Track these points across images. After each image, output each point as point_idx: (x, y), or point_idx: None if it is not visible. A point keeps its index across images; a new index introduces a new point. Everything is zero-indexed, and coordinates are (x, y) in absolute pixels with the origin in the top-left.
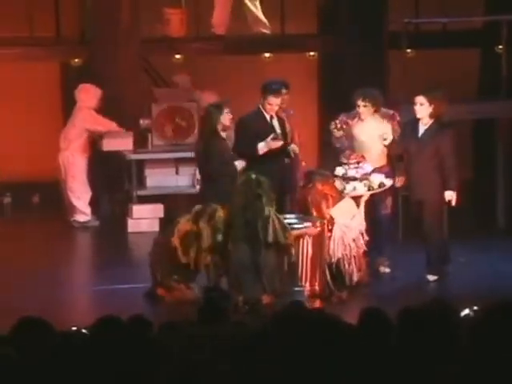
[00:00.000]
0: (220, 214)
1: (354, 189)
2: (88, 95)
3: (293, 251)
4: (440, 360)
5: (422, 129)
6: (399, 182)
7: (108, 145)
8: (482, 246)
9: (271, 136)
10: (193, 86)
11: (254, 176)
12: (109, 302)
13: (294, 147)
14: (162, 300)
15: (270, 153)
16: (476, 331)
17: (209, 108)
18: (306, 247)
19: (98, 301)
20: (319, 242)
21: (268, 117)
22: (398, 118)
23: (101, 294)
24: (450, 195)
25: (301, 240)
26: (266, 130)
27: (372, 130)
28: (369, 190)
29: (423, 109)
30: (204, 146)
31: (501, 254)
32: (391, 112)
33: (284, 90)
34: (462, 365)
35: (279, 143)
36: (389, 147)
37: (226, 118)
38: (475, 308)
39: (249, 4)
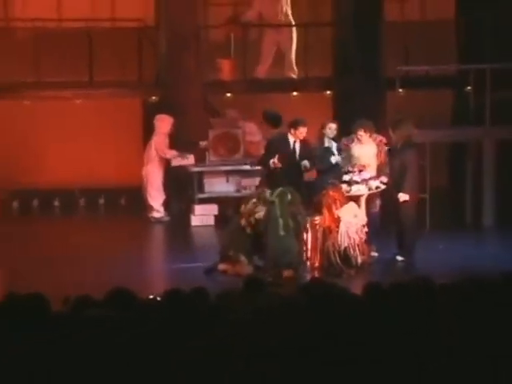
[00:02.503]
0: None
1: (358, 190)
2: (163, 123)
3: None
4: (425, 321)
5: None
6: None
7: (176, 161)
8: (454, 236)
9: (272, 160)
10: (239, 117)
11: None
12: (179, 276)
13: (305, 163)
14: (224, 274)
15: (284, 167)
16: (451, 301)
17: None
18: (307, 235)
19: (171, 275)
20: (317, 232)
21: (292, 141)
22: (385, 141)
23: (173, 270)
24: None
25: (303, 230)
26: (287, 151)
27: (368, 150)
28: (369, 190)
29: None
30: None
31: (468, 242)
32: (380, 137)
33: (306, 124)
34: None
35: (278, 164)
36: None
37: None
38: (449, 282)
39: (290, 54)
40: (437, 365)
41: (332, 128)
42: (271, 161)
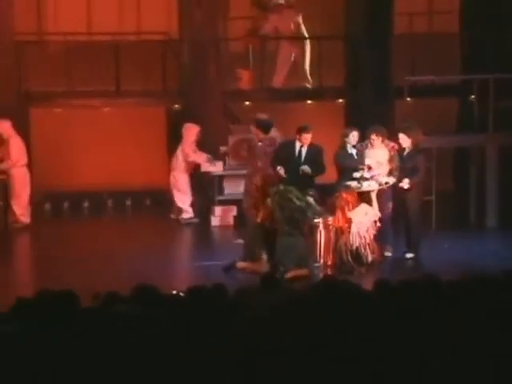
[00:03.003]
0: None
1: (369, 185)
2: (191, 131)
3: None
4: (431, 317)
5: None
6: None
7: (205, 167)
8: (458, 236)
9: (279, 168)
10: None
11: (280, 188)
12: (200, 273)
13: (304, 167)
14: (242, 271)
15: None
16: (455, 297)
17: None
18: (320, 235)
19: (193, 272)
20: (330, 232)
21: (298, 146)
22: (397, 147)
23: (195, 268)
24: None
25: (317, 230)
26: (293, 156)
27: (380, 155)
28: (379, 186)
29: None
30: None
31: (472, 241)
32: (392, 143)
33: (311, 130)
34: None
35: (281, 172)
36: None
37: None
38: (454, 279)
39: (304, 65)
40: (440, 361)
41: (355, 136)
42: (278, 168)
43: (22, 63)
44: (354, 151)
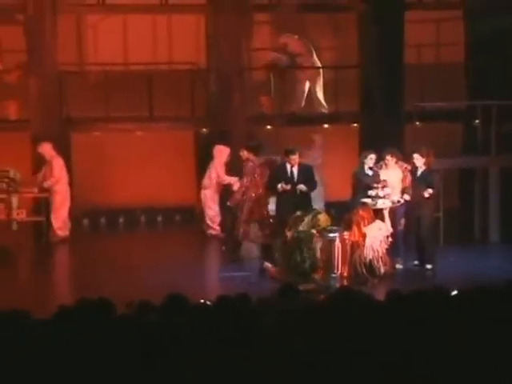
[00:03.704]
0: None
1: (383, 203)
2: (222, 153)
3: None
4: (439, 325)
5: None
6: (427, 193)
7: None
8: (464, 250)
9: (281, 183)
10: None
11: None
12: (226, 283)
13: (300, 186)
14: (267, 271)
15: (285, 189)
16: (462, 305)
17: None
18: (337, 249)
19: (220, 283)
20: (346, 246)
21: (289, 167)
22: (410, 168)
23: (222, 278)
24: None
25: (334, 244)
26: (285, 176)
27: (394, 175)
28: (392, 204)
29: (419, 160)
30: None
31: (476, 255)
32: (405, 165)
33: (296, 152)
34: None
35: (287, 187)
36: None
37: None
38: (460, 290)
39: (317, 91)
40: (446, 367)
41: (372, 158)
42: (279, 185)
43: (64, 91)
44: (370, 172)
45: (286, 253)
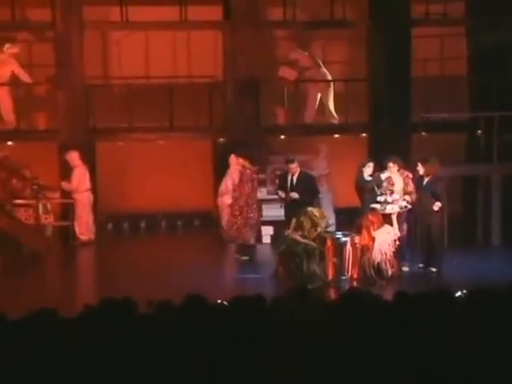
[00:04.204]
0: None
1: (392, 208)
2: (236, 162)
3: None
4: (443, 324)
5: (425, 181)
6: (436, 207)
7: None
8: (467, 253)
9: (280, 192)
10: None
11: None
12: (242, 284)
13: (292, 194)
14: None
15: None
16: (465, 307)
17: None
18: (348, 252)
19: (236, 284)
20: (357, 249)
21: (289, 176)
22: (411, 176)
23: (238, 280)
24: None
25: (345, 247)
26: (285, 184)
27: (396, 182)
28: (400, 209)
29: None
30: None
31: (480, 258)
32: (406, 172)
33: (295, 161)
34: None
35: (282, 195)
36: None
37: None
38: (464, 291)
39: (328, 103)
40: (450, 365)
41: (370, 166)
42: (280, 193)
43: (90, 103)
44: (369, 179)
45: (289, 257)
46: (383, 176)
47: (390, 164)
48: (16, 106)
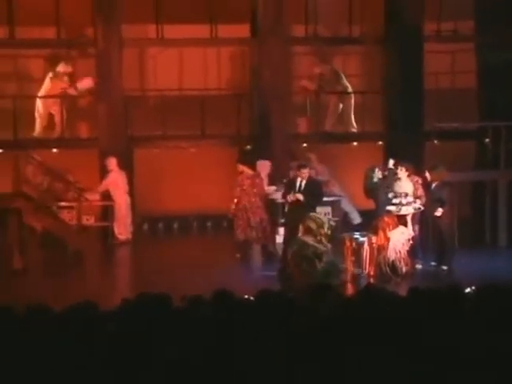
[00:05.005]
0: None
1: (407, 210)
2: (264, 167)
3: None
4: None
5: (433, 186)
6: (439, 212)
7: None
8: (476, 253)
9: (290, 195)
10: (316, 160)
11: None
12: (267, 281)
13: (298, 195)
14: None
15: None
16: (474, 302)
17: None
18: (366, 251)
19: (262, 280)
20: (373, 249)
21: (299, 180)
22: (421, 181)
23: (263, 276)
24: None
25: (362, 247)
26: (294, 187)
27: (407, 186)
28: (414, 210)
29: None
30: None
31: (487, 257)
32: (416, 178)
33: (307, 167)
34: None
35: (292, 198)
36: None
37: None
38: (473, 287)
39: (347, 113)
40: (459, 357)
41: (378, 171)
42: (289, 196)
43: (128, 113)
44: (379, 183)
45: (300, 258)
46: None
47: (400, 169)
48: (61, 116)
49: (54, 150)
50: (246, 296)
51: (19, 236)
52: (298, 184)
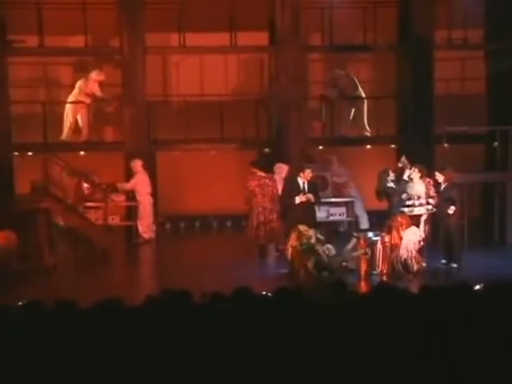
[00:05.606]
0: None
1: (420, 210)
2: (282, 170)
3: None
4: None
5: (442, 187)
6: (451, 210)
7: None
8: (485, 251)
9: (301, 195)
10: (336, 161)
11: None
12: (283, 278)
13: (309, 196)
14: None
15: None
16: (483, 298)
17: None
18: (379, 250)
19: (278, 278)
20: (386, 248)
21: (301, 182)
22: (432, 183)
23: (279, 274)
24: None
25: (376, 246)
26: (297, 189)
27: (419, 188)
28: (426, 211)
29: (440, 177)
30: None
31: (496, 255)
32: (428, 179)
33: (311, 168)
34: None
35: (303, 198)
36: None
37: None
38: (482, 284)
39: (361, 117)
40: (469, 351)
41: (391, 173)
42: (299, 197)
43: (152, 118)
44: (391, 184)
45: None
46: (406, 176)
47: (413, 170)
48: (89, 121)
49: (82, 153)
50: (264, 292)
51: (48, 235)
52: (301, 186)
